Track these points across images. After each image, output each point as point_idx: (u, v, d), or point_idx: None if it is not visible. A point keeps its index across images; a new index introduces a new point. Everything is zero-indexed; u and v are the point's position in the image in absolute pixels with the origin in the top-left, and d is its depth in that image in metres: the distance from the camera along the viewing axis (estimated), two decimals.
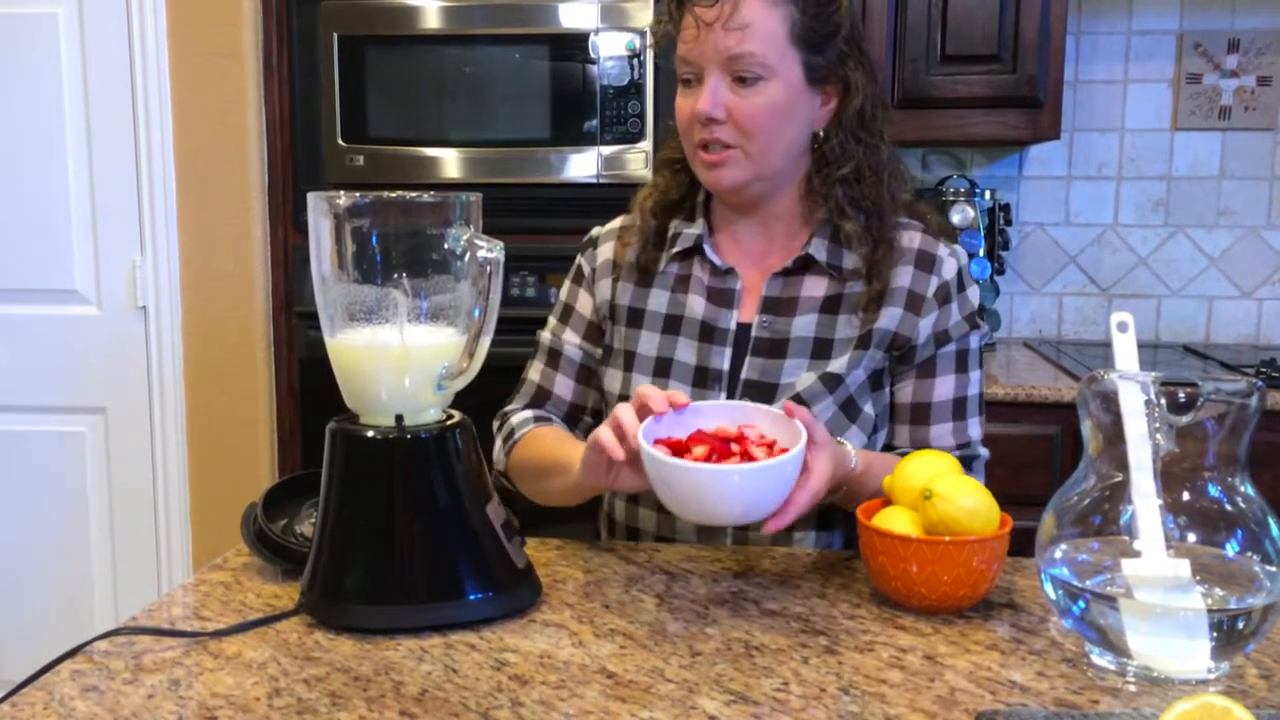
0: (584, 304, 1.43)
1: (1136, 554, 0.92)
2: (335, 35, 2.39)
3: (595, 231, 1.47)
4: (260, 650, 0.98)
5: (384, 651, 0.97)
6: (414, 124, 2.40)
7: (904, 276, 1.30)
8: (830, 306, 1.31)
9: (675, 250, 1.36)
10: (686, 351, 1.33)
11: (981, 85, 2.41)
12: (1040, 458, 2.17)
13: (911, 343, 1.30)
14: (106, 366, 2.60)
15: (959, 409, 1.32)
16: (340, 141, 2.41)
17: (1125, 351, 0.98)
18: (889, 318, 1.29)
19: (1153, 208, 2.75)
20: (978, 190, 2.63)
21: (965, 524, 1.05)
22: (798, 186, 1.33)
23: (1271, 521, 0.92)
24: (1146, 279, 2.77)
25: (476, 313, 1.02)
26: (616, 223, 1.45)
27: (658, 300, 1.37)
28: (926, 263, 1.31)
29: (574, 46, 2.32)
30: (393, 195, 1.03)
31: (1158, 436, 0.93)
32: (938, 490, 1.06)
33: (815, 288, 1.32)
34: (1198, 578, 0.91)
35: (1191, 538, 0.93)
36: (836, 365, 1.29)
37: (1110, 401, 0.94)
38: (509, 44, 2.36)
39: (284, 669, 0.94)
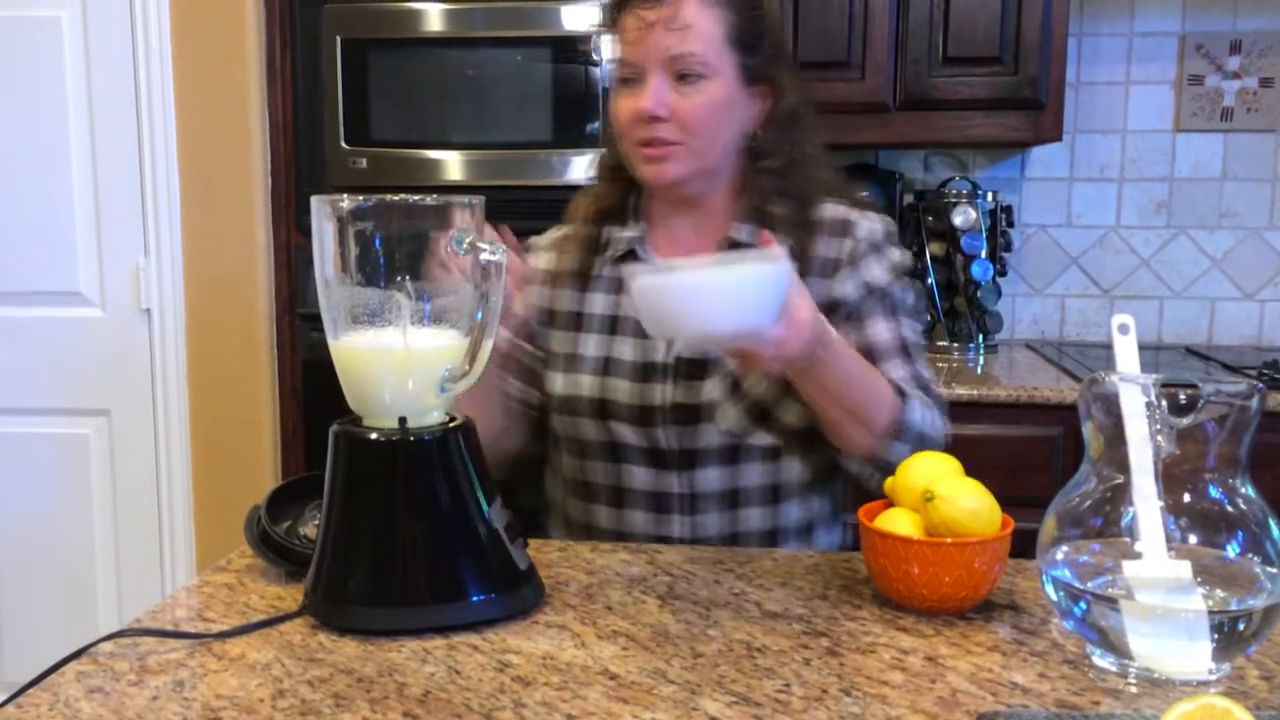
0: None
1: (1138, 556, 0.92)
2: (338, 38, 2.39)
3: (533, 240, 1.50)
4: (264, 652, 0.98)
5: (387, 653, 0.98)
6: (416, 126, 2.41)
7: (820, 246, 1.36)
8: None
9: (612, 254, 1.40)
10: (627, 349, 1.37)
11: (983, 87, 2.41)
12: (1042, 459, 2.17)
13: (835, 301, 1.34)
14: (110, 369, 2.61)
15: (904, 349, 1.34)
16: (343, 144, 2.41)
17: (1126, 353, 0.98)
18: (810, 289, 1.33)
19: (1155, 209, 2.75)
20: (980, 192, 2.63)
21: (967, 525, 1.05)
22: (731, 182, 1.37)
23: (1272, 523, 0.92)
24: (1148, 280, 2.77)
25: (479, 315, 1.02)
26: (555, 233, 1.49)
27: (597, 303, 1.40)
28: (840, 228, 1.36)
29: (575, 49, 2.32)
30: (395, 198, 1.04)
31: (1159, 438, 0.93)
32: (939, 492, 1.06)
33: None
34: (1199, 579, 0.92)
35: (1192, 539, 0.93)
36: None
37: (1111, 403, 0.94)
38: (511, 46, 2.36)
39: (288, 670, 0.94)
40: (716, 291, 1.04)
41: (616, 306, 1.39)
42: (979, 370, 2.42)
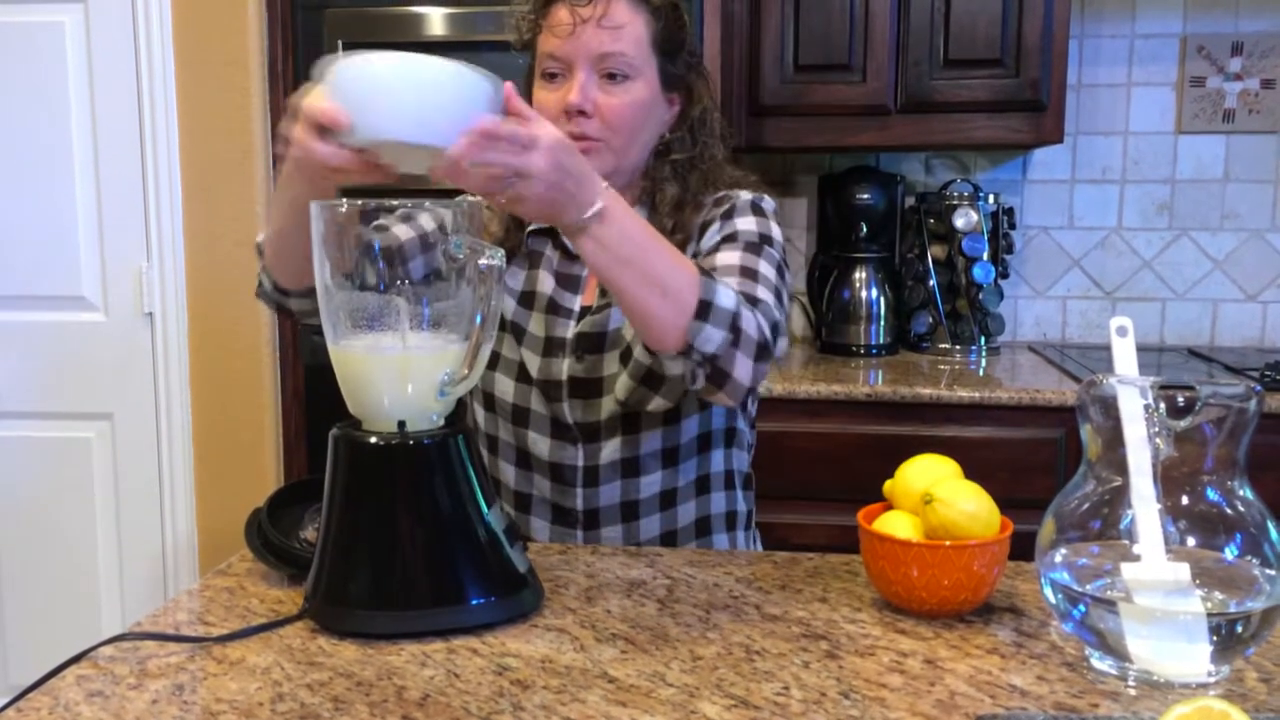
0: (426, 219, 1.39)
1: (1136, 558, 0.93)
2: (340, 43, 2.40)
3: None
4: (264, 655, 0.98)
5: (386, 656, 0.98)
6: None
7: (702, 215, 1.38)
8: None
9: (532, 229, 1.42)
10: (537, 324, 1.40)
11: (984, 89, 2.41)
12: (1044, 461, 2.17)
13: (698, 250, 1.36)
14: (113, 372, 2.61)
15: (748, 273, 1.27)
16: None
17: (1124, 356, 0.98)
18: (689, 254, 1.36)
19: (1157, 211, 2.75)
20: (981, 194, 2.63)
21: (966, 528, 1.05)
22: (640, 180, 1.40)
23: (1270, 525, 0.92)
24: (1151, 282, 2.77)
25: (478, 319, 1.03)
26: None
27: (514, 275, 1.43)
28: (723, 199, 1.39)
29: None
30: (395, 202, 1.04)
31: (1157, 441, 0.93)
32: (938, 495, 1.06)
33: None
34: (1197, 581, 0.92)
35: (1191, 542, 0.93)
36: None
37: (1109, 406, 0.94)
38: (514, 51, 2.36)
39: (287, 674, 0.94)
40: (387, 82, 0.96)
41: (530, 281, 1.41)
42: (981, 372, 2.42)
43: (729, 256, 1.30)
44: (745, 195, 1.39)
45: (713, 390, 1.19)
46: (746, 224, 1.35)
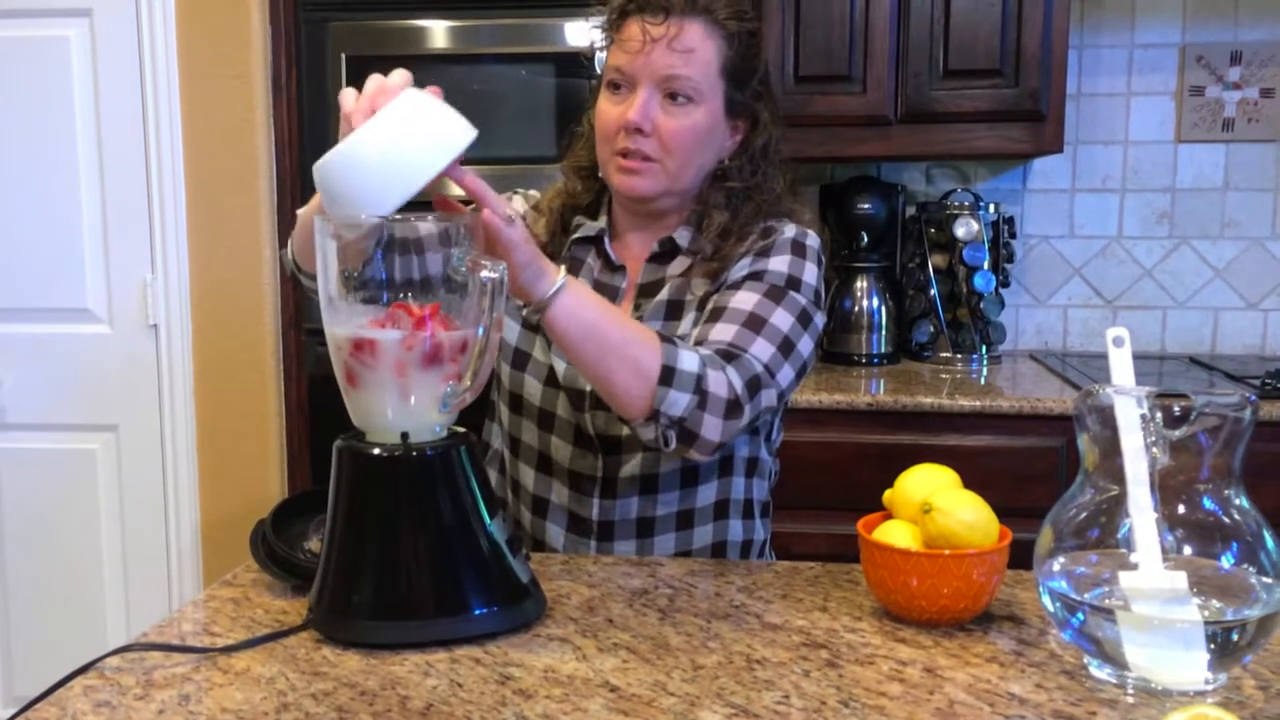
0: None
1: (1134, 566, 0.93)
2: (343, 55, 2.41)
3: (519, 191, 1.55)
4: (269, 665, 0.99)
5: (390, 666, 0.99)
6: None
7: (743, 247, 1.36)
8: (686, 273, 1.39)
9: (576, 237, 1.43)
10: None
11: (984, 99, 2.42)
12: (1045, 470, 2.17)
13: (723, 281, 1.35)
14: (118, 384, 2.62)
15: (754, 321, 1.27)
16: None
17: (1121, 366, 0.99)
18: (719, 283, 1.36)
19: (1157, 220, 2.76)
20: (982, 203, 2.64)
21: (965, 537, 1.06)
22: (692, 200, 1.40)
23: (1266, 534, 0.93)
24: (1151, 291, 2.78)
25: (480, 331, 1.04)
26: (537, 197, 1.53)
27: None
28: (765, 233, 1.37)
29: (579, 64, 2.34)
30: (396, 215, 1.05)
31: (1154, 450, 0.94)
32: (937, 504, 1.07)
33: (679, 266, 1.39)
34: (1194, 590, 0.92)
35: (1188, 550, 0.94)
36: (684, 326, 1.35)
37: (1106, 415, 0.95)
38: (515, 63, 2.38)
39: (292, 684, 0.95)
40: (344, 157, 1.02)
41: None
42: (982, 381, 2.43)
43: (745, 299, 1.30)
44: (789, 231, 1.37)
45: (683, 449, 1.21)
46: (779, 264, 1.33)
